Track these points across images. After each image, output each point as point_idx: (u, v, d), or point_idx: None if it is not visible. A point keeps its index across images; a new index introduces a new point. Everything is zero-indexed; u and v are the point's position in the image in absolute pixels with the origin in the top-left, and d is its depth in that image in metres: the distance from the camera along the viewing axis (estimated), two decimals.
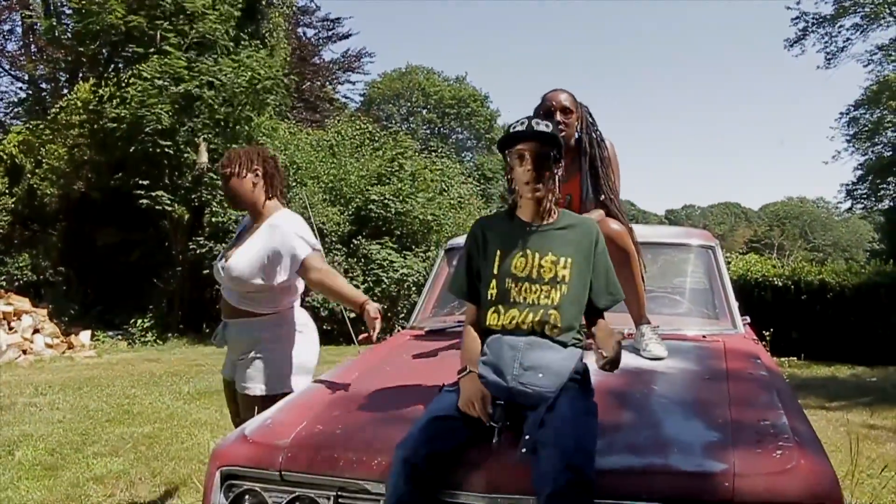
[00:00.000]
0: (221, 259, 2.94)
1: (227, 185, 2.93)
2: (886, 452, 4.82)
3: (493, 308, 2.09)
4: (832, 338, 9.95)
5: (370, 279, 13.07)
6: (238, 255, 2.84)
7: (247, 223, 3.03)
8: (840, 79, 62.21)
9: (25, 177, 15.40)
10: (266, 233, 2.84)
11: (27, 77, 20.88)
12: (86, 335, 11.99)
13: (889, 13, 23.59)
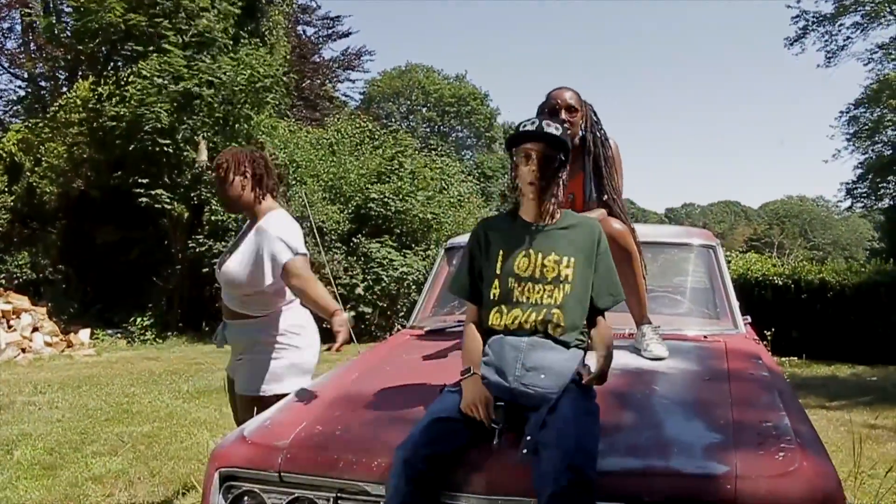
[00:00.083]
0: (220, 262, 2.96)
1: (219, 190, 2.93)
2: (888, 452, 4.81)
3: (496, 308, 2.08)
4: (832, 337, 9.93)
5: (370, 278, 13.03)
6: (231, 259, 2.86)
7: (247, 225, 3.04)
8: (840, 78, 62.29)
9: (25, 175, 15.40)
10: (254, 236, 2.83)
11: (27, 75, 20.87)
12: (85, 333, 11.99)
13: (889, 12, 23.57)
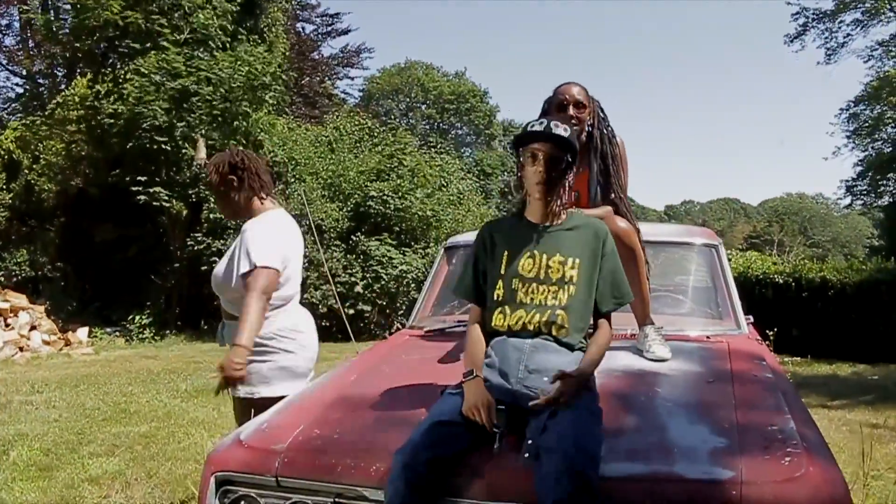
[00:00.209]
0: None
1: (214, 196, 2.94)
2: (891, 452, 4.78)
3: (500, 308, 2.06)
4: (833, 335, 9.91)
5: (369, 276, 13.00)
6: (220, 262, 2.87)
7: None
8: (840, 76, 62.18)
9: (23, 172, 15.37)
10: (238, 239, 2.81)
11: (25, 72, 20.81)
12: (83, 332, 11.97)
13: (889, 9, 23.54)
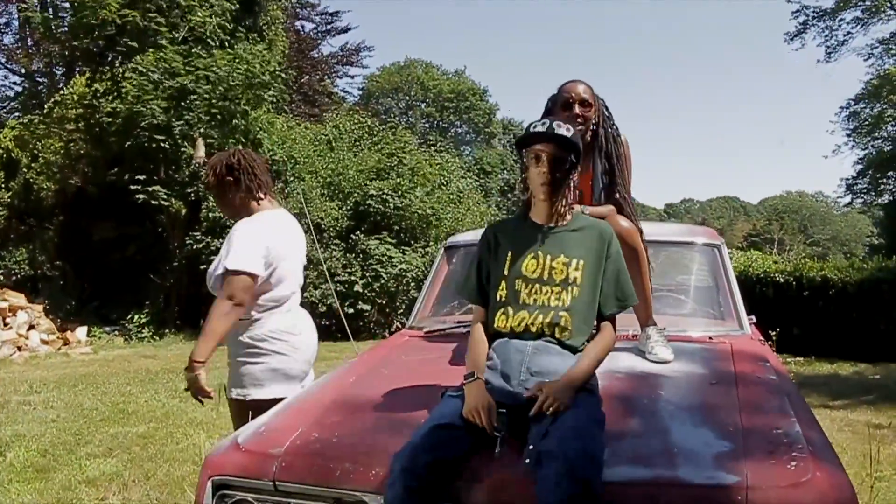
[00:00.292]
0: None
1: (213, 196, 2.92)
2: (893, 453, 4.74)
3: (502, 309, 2.03)
4: (834, 334, 9.87)
5: (368, 275, 12.97)
6: (214, 262, 2.83)
7: None
8: (840, 75, 62.09)
9: (21, 171, 15.35)
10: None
11: (23, 71, 20.77)
12: (82, 331, 11.95)
13: (890, 6, 23.54)
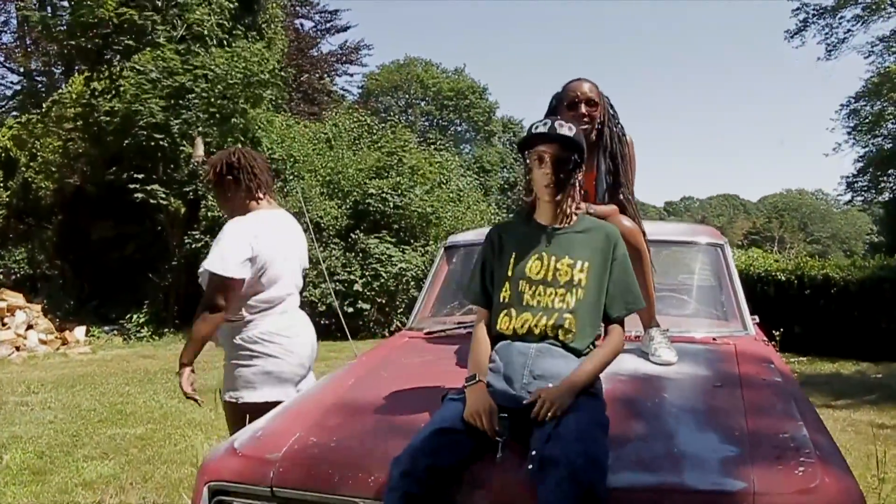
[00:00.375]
0: None
1: (213, 194, 2.88)
2: None
3: (505, 311, 1.99)
4: (836, 333, 9.83)
5: (368, 274, 12.93)
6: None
7: None
8: (840, 73, 62.15)
9: (20, 170, 15.33)
10: None
11: (21, 70, 20.73)
12: (80, 331, 11.92)
13: (890, 4, 23.49)
